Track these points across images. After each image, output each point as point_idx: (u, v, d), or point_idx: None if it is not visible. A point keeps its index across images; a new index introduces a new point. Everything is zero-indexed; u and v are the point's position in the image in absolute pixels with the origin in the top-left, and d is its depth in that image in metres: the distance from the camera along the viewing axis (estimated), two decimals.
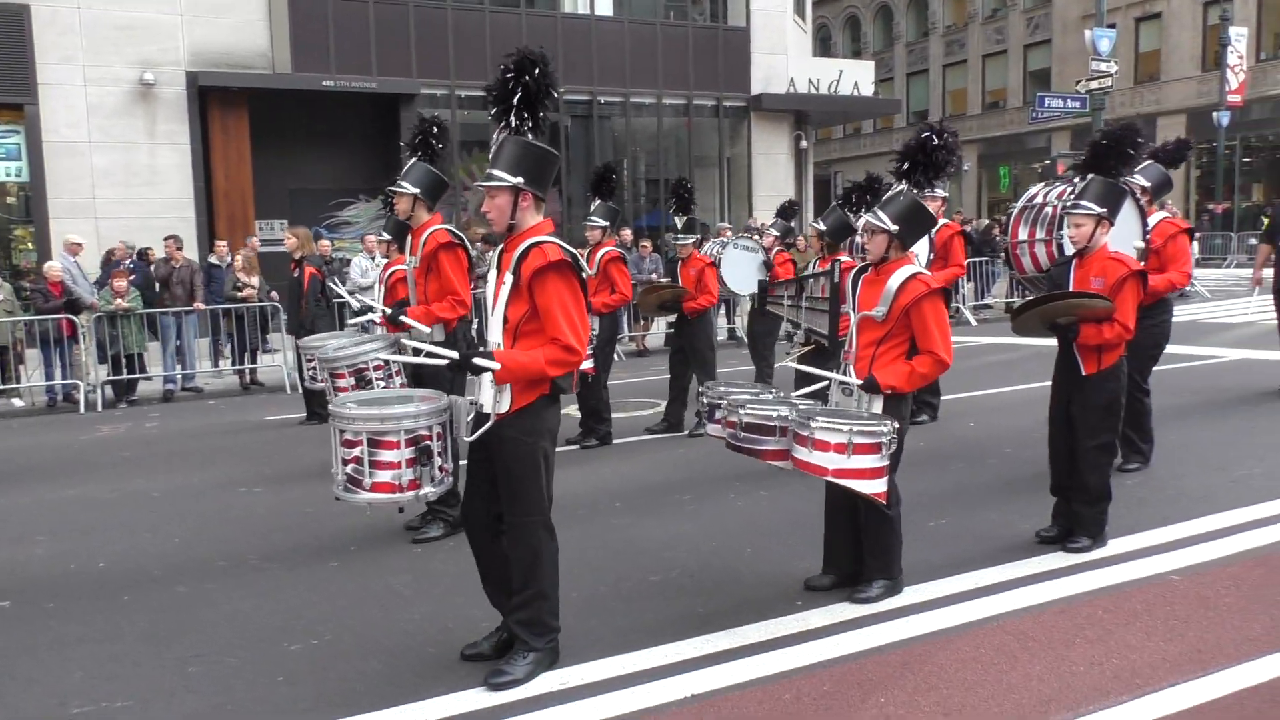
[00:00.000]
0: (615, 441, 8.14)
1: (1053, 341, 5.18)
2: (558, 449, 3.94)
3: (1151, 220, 6.44)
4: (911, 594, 4.48)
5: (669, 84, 21.14)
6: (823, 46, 43.86)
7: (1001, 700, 3.49)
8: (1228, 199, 29.61)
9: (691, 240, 8.62)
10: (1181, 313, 7.05)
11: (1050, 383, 5.27)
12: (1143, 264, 6.08)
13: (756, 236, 10.56)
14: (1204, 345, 11.86)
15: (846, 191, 6.70)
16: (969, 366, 10.98)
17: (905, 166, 4.62)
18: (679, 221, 8.67)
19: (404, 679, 3.87)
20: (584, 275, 3.75)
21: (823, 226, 7.10)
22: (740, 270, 9.24)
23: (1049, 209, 5.86)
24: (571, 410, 9.06)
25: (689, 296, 8.43)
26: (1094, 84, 21.36)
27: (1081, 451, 5.02)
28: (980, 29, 39.95)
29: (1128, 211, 5.98)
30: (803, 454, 4.13)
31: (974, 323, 16.29)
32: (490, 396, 3.67)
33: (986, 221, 21.46)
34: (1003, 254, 16.70)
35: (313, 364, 7.13)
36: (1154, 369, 6.73)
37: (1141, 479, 6.29)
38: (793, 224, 12.10)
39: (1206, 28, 31.47)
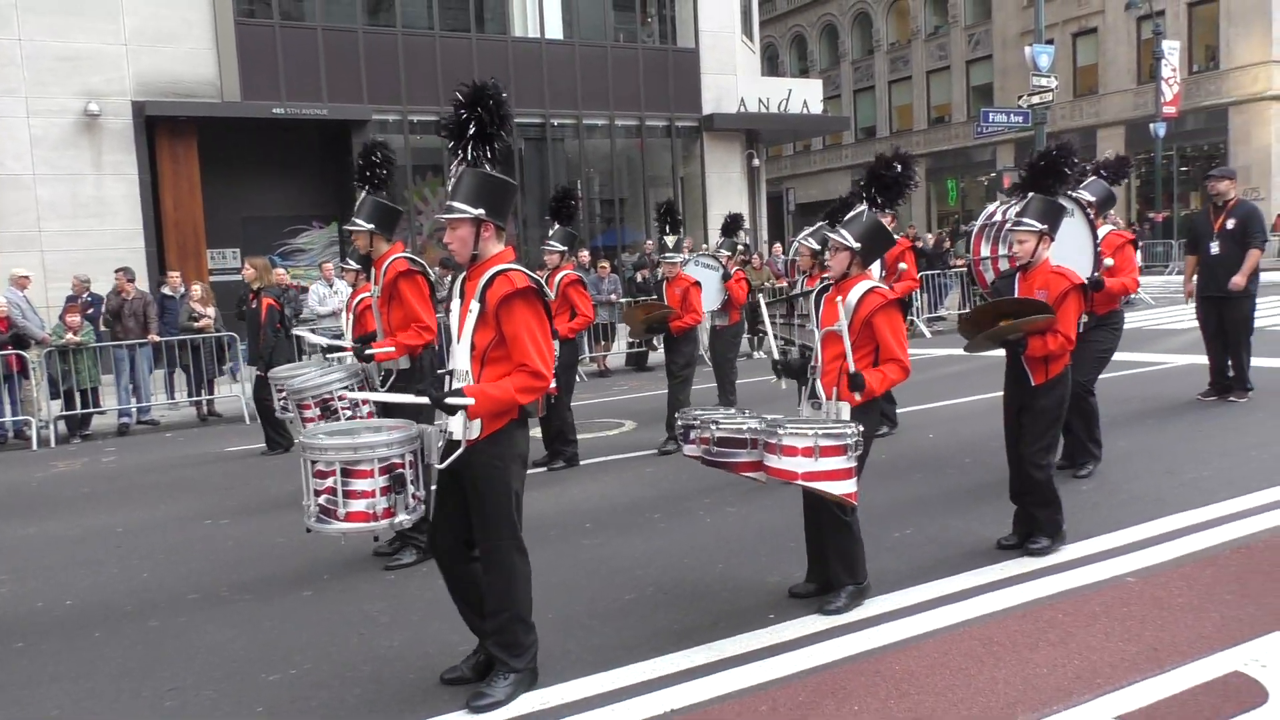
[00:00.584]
0: (582, 462, 8.20)
1: (1003, 352, 5.37)
2: (530, 472, 4.00)
3: (1100, 233, 6.71)
4: (880, 603, 4.60)
5: (620, 105, 21.33)
6: (771, 65, 44.47)
7: (970, 704, 3.61)
8: (1167, 207, 30.45)
9: (679, 259, 8.77)
10: (1127, 319, 7.31)
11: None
12: (1098, 273, 6.36)
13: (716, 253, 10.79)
14: (1149, 352, 12.21)
15: (831, 211, 7.14)
16: (925, 379, 11.19)
17: (867, 188, 4.82)
18: (669, 241, 8.84)
19: (385, 705, 3.89)
20: (548, 301, 3.84)
21: (815, 245, 7.45)
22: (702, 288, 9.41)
23: (998, 219, 6.07)
24: (535, 432, 9.12)
25: (674, 316, 8.58)
26: (1035, 99, 21.88)
27: (1026, 454, 5.22)
28: (923, 46, 40.78)
29: (1079, 225, 6.24)
30: (773, 461, 4.27)
31: (928, 334, 16.60)
32: (460, 424, 3.72)
33: (932, 236, 21.84)
34: (966, 269, 17.22)
35: (283, 394, 7.11)
36: (1101, 376, 7.00)
37: (1094, 484, 6.49)
38: (746, 241, 12.36)
39: (1141, 42, 32.42)
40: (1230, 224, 8.72)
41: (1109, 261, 6.66)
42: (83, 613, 5.22)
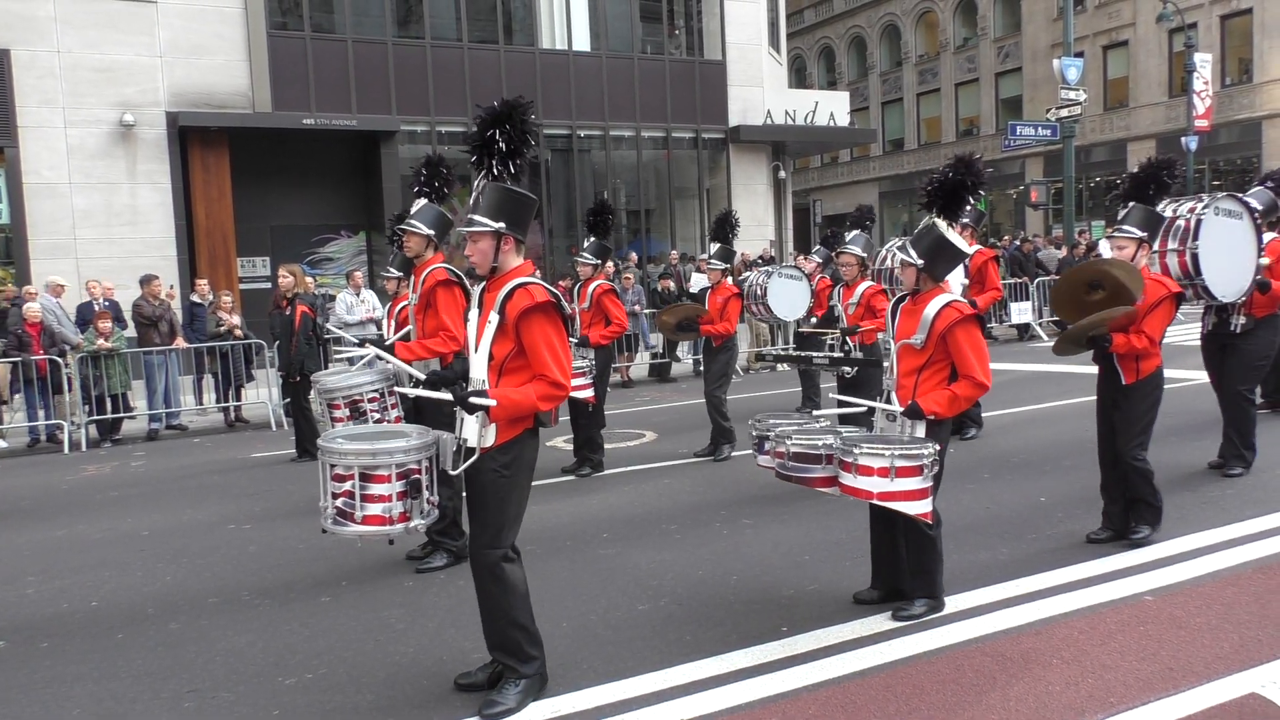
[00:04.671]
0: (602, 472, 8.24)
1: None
2: (552, 480, 4.04)
3: (1264, 239, 6.77)
4: (891, 620, 4.58)
5: (647, 117, 21.40)
6: (798, 77, 44.48)
7: None
8: None
9: (722, 267, 8.84)
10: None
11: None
12: (1261, 276, 6.52)
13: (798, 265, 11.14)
14: (1179, 368, 12.07)
15: (855, 220, 7.80)
16: None
17: (931, 198, 4.85)
18: (712, 249, 8.96)
19: (399, 710, 3.94)
20: (566, 314, 3.89)
21: (862, 253, 7.67)
22: (787, 298, 9.60)
23: (1180, 222, 6.21)
24: (558, 442, 9.18)
25: (705, 317, 8.65)
26: (1064, 112, 21.77)
27: (1124, 451, 5.47)
28: (952, 58, 40.61)
29: (1246, 230, 6.36)
30: (848, 479, 4.31)
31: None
32: (475, 431, 3.77)
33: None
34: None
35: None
36: None
37: None
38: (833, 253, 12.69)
39: (1172, 55, 32.11)
40: None
41: (1264, 260, 6.72)
42: (107, 614, 5.31)
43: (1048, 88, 31.09)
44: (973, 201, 5.15)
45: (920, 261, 4.63)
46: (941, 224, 4.75)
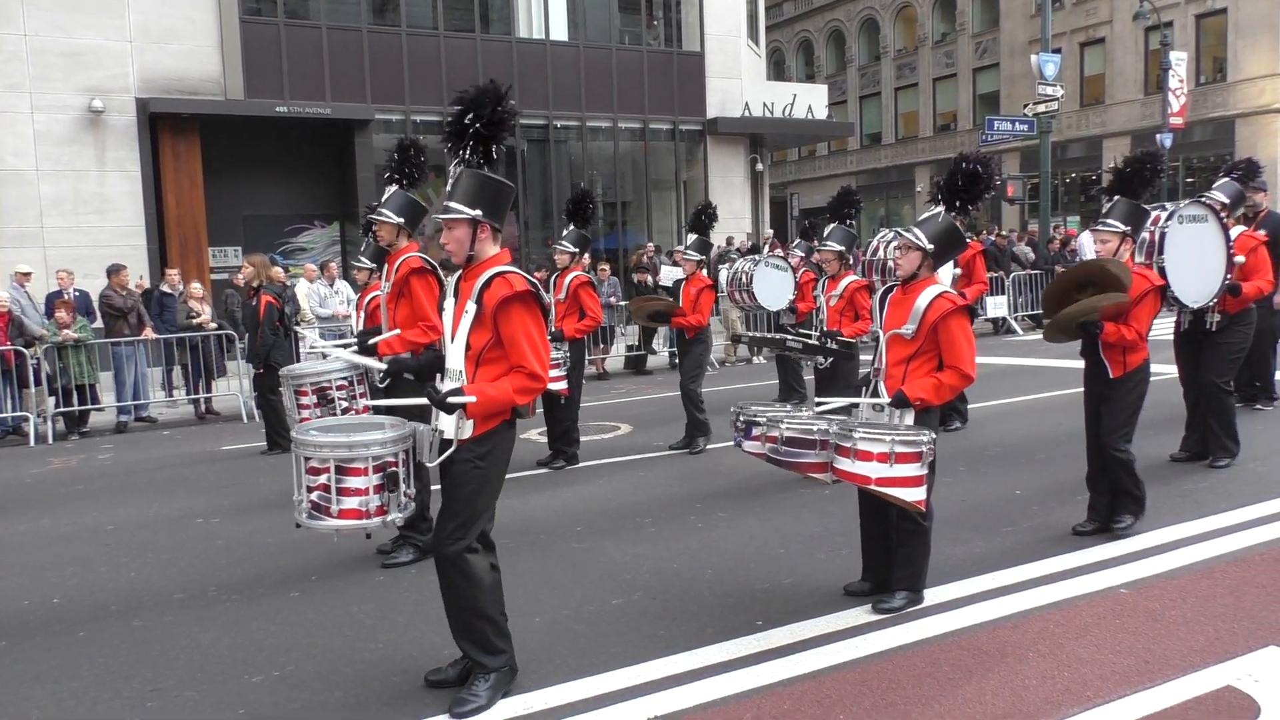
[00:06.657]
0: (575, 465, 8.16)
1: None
2: (525, 473, 3.97)
3: (1232, 234, 6.76)
4: (866, 613, 4.56)
5: (625, 108, 21.30)
6: (776, 70, 44.45)
7: (957, 716, 3.56)
8: None
9: (697, 258, 8.77)
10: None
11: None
12: (1231, 276, 6.54)
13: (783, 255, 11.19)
14: (1155, 363, 12.13)
15: (834, 208, 7.83)
16: None
17: (945, 192, 4.82)
18: (689, 239, 8.88)
19: (368, 708, 3.86)
20: (545, 304, 3.81)
21: (840, 247, 7.60)
22: (771, 287, 9.62)
23: (1145, 235, 6.17)
24: (532, 435, 9.10)
25: (678, 312, 8.59)
26: (1041, 107, 21.82)
27: (1106, 441, 5.49)
28: (930, 53, 40.73)
29: (1213, 230, 6.41)
30: (845, 464, 4.26)
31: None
32: (454, 423, 3.70)
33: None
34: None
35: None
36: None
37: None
38: (815, 244, 12.70)
39: (1148, 52, 32.34)
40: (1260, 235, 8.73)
41: (1239, 259, 6.75)
42: (69, 612, 5.19)
43: (1025, 83, 31.19)
44: (986, 198, 5.12)
45: (930, 246, 4.60)
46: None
